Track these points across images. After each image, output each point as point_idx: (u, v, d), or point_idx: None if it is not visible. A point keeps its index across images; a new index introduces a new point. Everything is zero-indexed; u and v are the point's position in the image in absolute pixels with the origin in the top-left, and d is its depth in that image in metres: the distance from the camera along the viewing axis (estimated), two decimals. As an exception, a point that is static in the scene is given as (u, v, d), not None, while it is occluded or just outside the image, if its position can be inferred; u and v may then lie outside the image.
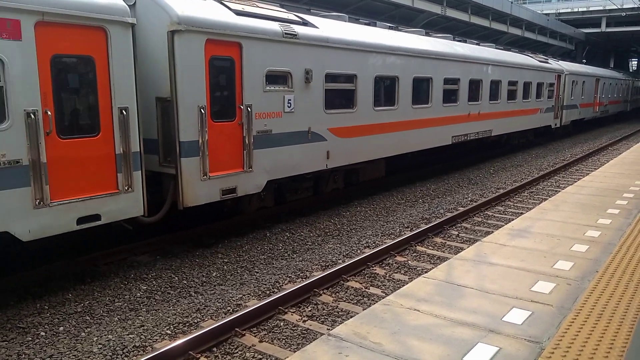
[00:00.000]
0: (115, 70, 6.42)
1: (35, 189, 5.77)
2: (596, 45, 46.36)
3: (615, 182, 9.22)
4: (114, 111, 6.48)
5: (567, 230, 6.09)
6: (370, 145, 11.24)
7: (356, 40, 10.51)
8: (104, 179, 6.46)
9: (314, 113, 9.60)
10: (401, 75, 11.91)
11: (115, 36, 6.35)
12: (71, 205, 6.13)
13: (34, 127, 5.69)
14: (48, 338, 5.45)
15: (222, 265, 7.62)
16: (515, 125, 19.12)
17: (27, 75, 5.62)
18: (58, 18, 5.80)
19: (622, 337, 3.36)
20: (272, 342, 5.34)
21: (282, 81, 8.87)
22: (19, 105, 5.58)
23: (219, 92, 7.95)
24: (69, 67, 6.18)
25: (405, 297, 4.16)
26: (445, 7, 24.50)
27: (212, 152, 7.72)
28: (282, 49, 8.69)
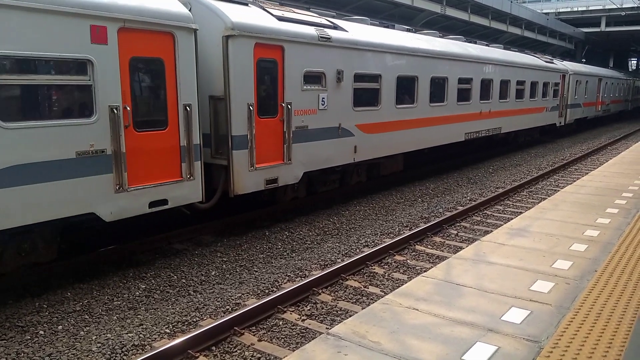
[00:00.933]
0: (181, 70, 7.16)
1: (116, 176, 6.52)
2: (596, 44, 46.38)
3: (615, 181, 9.22)
4: (179, 107, 7.23)
5: (566, 229, 6.09)
6: (392, 141, 11.97)
7: (381, 42, 11.27)
8: (170, 168, 7.22)
9: (343, 110, 10.35)
10: (420, 75, 12.61)
11: (181, 40, 7.10)
12: (145, 191, 6.89)
13: (116, 121, 6.43)
14: (47, 337, 5.44)
15: (221, 264, 7.62)
16: (523, 123, 19.81)
17: (111, 75, 6.36)
18: (136, 25, 6.55)
19: (620, 336, 3.37)
20: (271, 341, 5.34)
21: (317, 81, 9.62)
22: (104, 101, 6.32)
23: (264, 91, 8.68)
24: (143, 67, 6.92)
25: (404, 296, 4.16)
26: (445, 6, 24.50)
27: (258, 145, 8.49)
28: (317, 52, 9.49)
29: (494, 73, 16.57)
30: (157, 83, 7.07)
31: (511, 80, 17.93)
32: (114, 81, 6.37)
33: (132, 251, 7.68)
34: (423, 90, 12.82)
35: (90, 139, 6.21)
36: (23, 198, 5.69)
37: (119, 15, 6.33)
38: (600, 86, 29.78)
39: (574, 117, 25.63)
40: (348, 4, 20.19)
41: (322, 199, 10.94)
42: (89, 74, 6.14)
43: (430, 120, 13.32)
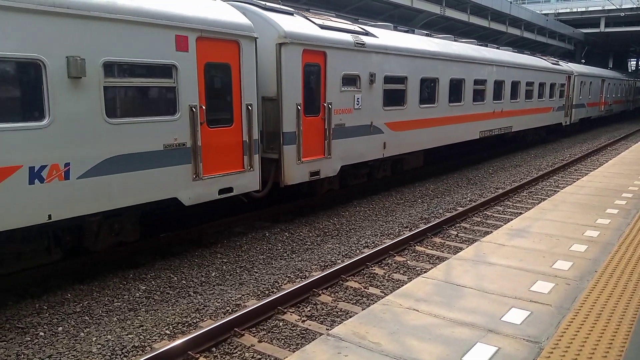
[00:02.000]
0: (244, 74, 8.11)
1: (194, 166, 7.46)
2: (595, 45, 46.41)
3: (614, 182, 9.23)
4: (242, 107, 8.18)
5: (566, 230, 6.09)
6: (416, 138, 12.95)
7: (406, 47, 12.26)
8: (234, 160, 8.16)
9: (375, 109, 11.28)
10: (440, 76, 13.60)
11: (244, 47, 8.05)
12: (215, 179, 7.84)
13: (194, 118, 7.35)
14: (47, 338, 5.44)
15: (221, 265, 7.62)
16: (532, 122, 20.78)
17: (191, 78, 7.30)
18: (210, 34, 7.49)
19: (620, 336, 3.37)
20: (271, 342, 5.34)
21: (352, 83, 10.56)
22: (185, 101, 7.26)
23: (309, 92, 9.54)
24: (214, 71, 7.80)
25: (404, 297, 4.16)
26: (444, 7, 24.52)
27: (304, 141, 9.42)
28: (354, 56, 10.42)
29: (505, 75, 17.46)
30: (225, 85, 8.00)
31: (521, 82, 18.81)
32: (192, 83, 7.34)
33: (132, 252, 7.67)
34: (443, 91, 13.79)
35: (174, 133, 7.17)
36: (122, 184, 6.59)
37: (197, 26, 7.28)
38: (603, 87, 30.65)
39: (578, 117, 26.50)
40: (348, 4, 20.20)
41: (354, 191, 11.94)
42: (173, 77, 7.09)
43: (449, 119, 14.31)
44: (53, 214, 5.96)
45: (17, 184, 5.61)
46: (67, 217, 6.12)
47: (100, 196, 6.39)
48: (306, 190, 10.58)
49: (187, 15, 7.17)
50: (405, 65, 12.09)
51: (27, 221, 5.79)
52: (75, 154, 6.09)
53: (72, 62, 5.89)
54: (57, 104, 5.86)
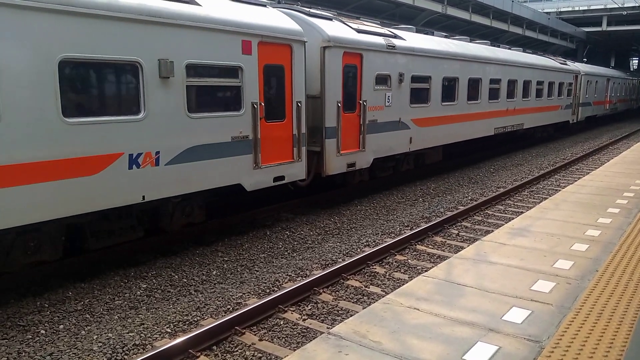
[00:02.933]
0: (295, 74, 9.01)
1: (254, 156, 8.39)
2: (597, 44, 46.30)
3: (616, 181, 9.21)
4: (293, 104, 9.07)
5: (567, 229, 6.09)
6: (438, 134, 13.88)
7: (430, 48, 13.14)
8: (286, 151, 9.08)
9: (403, 107, 12.19)
10: (460, 76, 14.52)
11: (296, 50, 8.96)
12: (271, 168, 8.75)
13: (255, 113, 8.27)
14: (48, 336, 5.45)
15: (222, 263, 7.62)
16: (541, 119, 21.72)
17: (253, 78, 8.21)
18: (268, 39, 8.39)
19: (621, 336, 3.37)
20: (272, 340, 5.34)
21: (384, 82, 11.43)
22: (248, 98, 8.17)
23: (347, 91, 10.41)
24: (271, 72, 8.64)
25: (405, 296, 4.16)
26: (446, 5, 24.47)
27: (343, 135, 10.31)
28: (385, 58, 11.34)
29: (518, 74, 18.38)
30: (279, 84, 8.87)
31: (532, 81, 19.69)
32: (254, 83, 8.25)
33: (133, 251, 7.68)
34: (462, 90, 14.71)
35: (239, 127, 8.08)
36: (199, 170, 7.54)
37: (259, 32, 8.20)
38: (608, 86, 31.63)
39: (585, 115, 27.43)
40: (349, 3, 20.17)
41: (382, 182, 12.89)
42: (239, 77, 8.00)
43: (467, 116, 15.26)
44: (146, 195, 6.94)
45: (119, 169, 6.57)
46: (156, 198, 7.10)
47: (182, 181, 7.36)
48: (340, 182, 11.52)
49: (251, 22, 8.13)
50: (429, 66, 12.98)
51: (127, 200, 6.76)
52: (164, 144, 7.06)
53: (163, 64, 6.84)
54: (150, 100, 6.81)
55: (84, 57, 6.06)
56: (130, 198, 6.74)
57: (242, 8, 8.27)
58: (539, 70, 20.35)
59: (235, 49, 7.85)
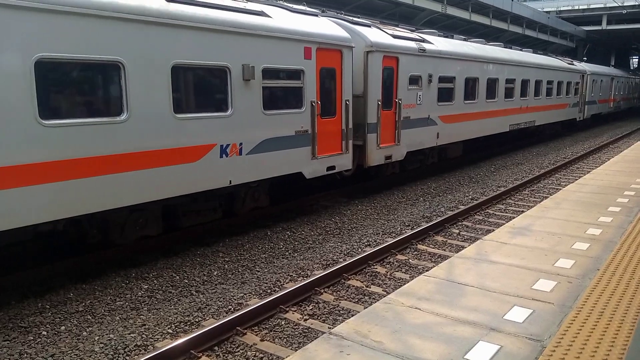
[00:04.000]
0: (344, 76, 10.16)
1: (312, 148, 9.53)
2: (597, 43, 46.27)
3: (617, 180, 9.21)
4: (342, 102, 10.20)
5: (568, 228, 6.08)
6: (461, 130, 15.05)
7: (455, 51, 14.38)
8: (336, 144, 10.23)
9: (431, 104, 13.33)
10: (480, 76, 15.78)
11: (345, 55, 10.12)
12: (325, 159, 9.91)
13: (313, 111, 9.40)
14: (50, 337, 5.45)
15: (223, 264, 7.63)
16: (551, 117, 22.91)
17: (312, 80, 9.34)
18: (324, 45, 9.56)
19: (623, 335, 3.36)
20: (273, 340, 5.34)
21: (416, 82, 12.58)
22: (308, 98, 9.32)
23: (385, 91, 11.57)
24: (325, 74, 9.77)
25: (406, 296, 4.16)
26: (445, 5, 24.47)
27: (382, 131, 11.49)
28: (417, 60, 12.51)
29: (530, 74, 19.58)
30: (332, 85, 9.96)
31: (543, 80, 20.93)
32: (313, 84, 9.38)
33: (135, 251, 7.68)
34: (482, 89, 15.95)
35: (301, 122, 9.23)
36: (270, 160, 8.71)
37: (317, 39, 9.36)
38: (612, 85, 33.08)
39: (590, 113, 28.71)
40: (349, 3, 20.17)
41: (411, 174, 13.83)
42: (301, 79, 9.13)
43: (486, 113, 16.51)
44: (232, 180, 8.09)
45: (213, 157, 7.73)
46: (239, 182, 8.28)
47: (258, 168, 8.52)
48: (374, 173, 12.56)
49: (311, 31, 9.33)
50: (454, 67, 14.18)
51: (218, 184, 7.90)
52: (245, 136, 8.20)
53: (246, 68, 7.97)
54: (236, 99, 7.95)
55: (190, 64, 7.28)
56: (220, 182, 7.94)
57: (301, 18, 9.54)
58: (549, 70, 21.57)
59: (298, 55, 9.04)
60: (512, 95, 18.25)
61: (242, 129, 8.12)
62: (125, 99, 6.49)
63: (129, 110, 6.52)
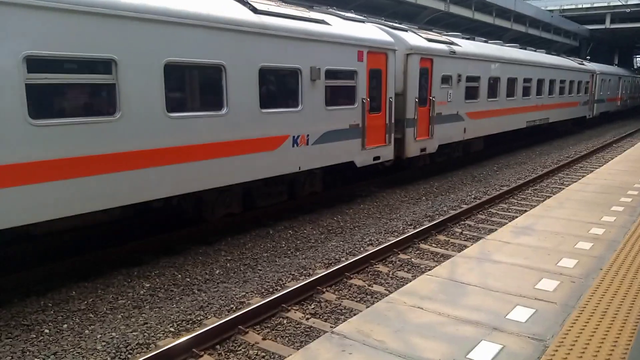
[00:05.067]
0: (388, 76, 11.38)
1: (362, 140, 10.72)
2: (600, 41, 46.08)
3: (620, 179, 9.18)
4: (386, 99, 11.44)
5: (571, 227, 6.07)
6: (484, 125, 16.36)
7: (479, 52, 15.69)
8: (381, 137, 11.42)
9: (459, 102, 14.58)
10: (501, 76, 16.95)
11: (389, 57, 11.35)
12: (372, 150, 11.10)
13: (363, 107, 10.60)
14: (52, 335, 5.46)
15: (225, 262, 7.63)
16: (563, 114, 24.18)
17: (362, 80, 10.57)
18: (373, 49, 10.77)
19: (626, 335, 3.35)
20: (275, 339, 5.34)
21: (447, 81, 13.78)
22: (359, 95, 10.50)
23: (421, 89, 12.75)
24: (373, 75, 10.94)
25: (409, 295, 4.15)
26: (448, 3, 24.38)
27: (418, 125, 12.74)
28: (448, 61, 13.72)
29: (545, 74, 20.85)
30: (378, 84, 11.15)
31: (556, 80, 22.20)
32: (363, 83, 10.59)
33: (137, 250, 7.69)
34: (502, 88, 17.19)
35: (353, 117, 10.45)
36: (330, 149, 9.94)
37: (368, 43, 10.60)
38: (619, 84, 34.64)
39: (599, 111, 30.10)
40: (351, 1, 20.12)
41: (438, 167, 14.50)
42: (355, 79, 10.35)
43: (506, 110, 17.75)
44: (301, 166, 9.35)
45: (287, 147, 8.95)
46: (307, 169, 9.54)
47: (320, 157, 9.76)
48: (407, 164, 13.60)
49: (363, 37, 10.57)
50: (479, 67, 15.43)
51: (291, 169, 9.16)
52: (312, 129, 9.44)
53: (314, 70, 9.18)
54: (305, 96, 9.15)
55: (272, 66, 8.48)
56: (292, 168, 9.17)
57: (353, 25, 10.77)
58: (562, 70, 22.88)
59: (353, 58, 10.26)
60: (529, 93, 19.37)
61: (309, 122, 9.38)
62: (225, 96, 7.71)
63: (228, 105, 7.77)
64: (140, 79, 6.55)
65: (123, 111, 6.42)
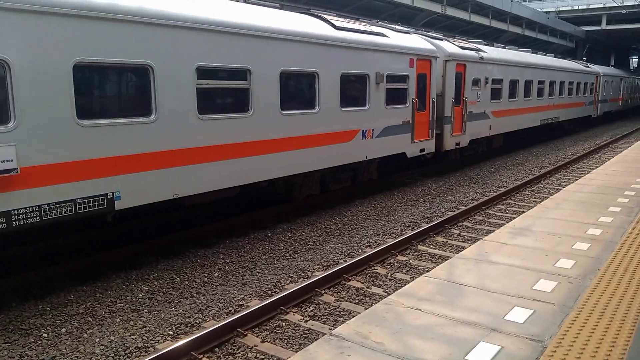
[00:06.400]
0: (432, 80, 13.14)
1: (412, 134, 12.50)
2: (596, 43, 46.26)
3: (617, 179, 9.21)
4: (430, 100, 13.20)
5: (569, 228, 6.08)
6: (506, 123, 18.28)
7: (502, 57, 17.59)
8: (425, 132, 13.19)
9: (486, 102, 16.44)
10: (520, 78, 18.92)
11: (433, 63, 13.16)
12: (418, 143, 12.89)
13: (413, 106, 12.40)
14: (50, 339, 5.45)
15: (223, 265, 7.62)
16: (572, 114, 26.16)
17: (413, 83, 12.34)
18: (420, 57, 12.50)
19: (624, 335, 3.36)
20: (274, 342, 5.34)
21: (476, 84, 15.62)
22: (410, 96, 12.34)
23: (456, 91, 14.57)
24: (420, 79, 12.69)
25: (407, 297, 4.16)
26: (445, 5, 24.46)
27: (454, 122, 14.51)
28: (477, 66, 15.58)
29: (556, 76, 22.84)
30: (423, 86, 12.90)
31: (565, 82, 24.23)
32: (413, 86, 12.34)
33: (135, 253, 7.68)
34: (521, 89, 19.12)
35: (405, 115, 12.20)
36: (387, 142, 11.67)
37: (417, 52, 12.42)
38: (621, 85, 36.79)
39: (603, 110, 32.23)
40: (348, 4, 20.18)
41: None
42: (407, 82, 12.18)
43: (523, 109, 19.66)
44: (367, 155, 11.18)
45: (358, 139, 10.77)
46: (371, 158, 11.41)
47: (382, 148, 11.58)
48: (441, 157, 15.10)
49: (413, 46, 12.45)
50: (502, 71, 17.30)
51: (360, 158, 11.00)
52: (376, 124, 11.24)
53: (378, 75, 11.01)
54: (371, 97, 10.97)
55: (350, 73, 10.30)
56: (361, 157, 10.99)
57: (404, 36, 12.67)
58: (570, 72, 25.01)
59: (406, 64, 12.04)
60: (542, 94, 21.39)
61: (374, 118, 11.14)
62: (317, 97, 9.56)
63: (319, 105, 9.60)
64: (264, 84, 8.35)
65: (254, 109, 8.23)
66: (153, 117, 6.76)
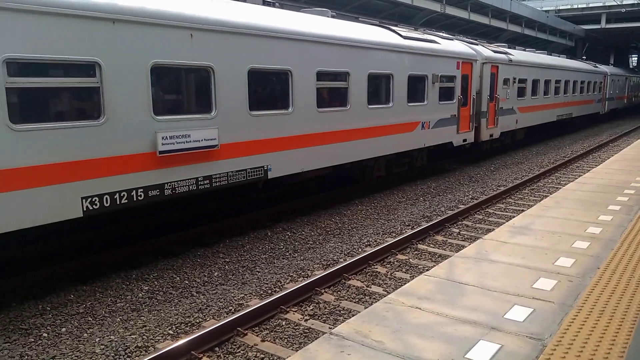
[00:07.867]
0: (473, 79, 15.10)
1: (457, 126, 14.38)
2: (596, 41, 46.23)
3: (616, 178, 9.21)
4: (471, 97, 15.14)
5: (568, 227, 6.08)
6: (529, 118, 20.33)
7: (526, 59, 19.62)
8: (467, 125, 15.09)
9: (513, 99, 18.50)
10: (540, 78, 20.97)
11: (474, 66, 15.06)
12: (462, 134, 14.78)
13: (458, 102, 14.29)
14: (50, 339, 5.46)
15: (223, 264, 7.63)
16: (583, 110, 28.24)
17: (458, 82, 14.23)
18: (464, 60, 14.54)
19: (624, 333, 3.37)
20: (274, 341, 5.34)
21: (506, 83, 17.58)
22: (456, 94, 14.22)
23: (490, 89, 16.47)
24: (463, 79, 14.59)
25: (407, 296, 4.16)
26: (444, 4, 24.44)
27: (489, 116, 16.54)
28: (507, 67, 17.55)
29: (569, 76, 24.94)
30: (466, 85, 14.74)
31: (577, 81, 26.34)
32: (458, 85, 14.28)
33: (135, 253, 7.68)
34: (541, 88, 21.12)
35: (452, 110, 14.14)
36: (439, 132, 13.70)
37: (461, 56, 14.28)
38: (627, 84, 39.35)
39: (610, 108, 34.63)
40: (348, 3, 20.16)
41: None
42: (454, 82, 14.01)
43: (543, 106, 21.78)
44: (425, 143, 13.21)
45: (419, 129, 12.82)
46: (428, 145, 13.37)
47: (435, 137, 13.57)
48: (471, 147, 16.52)
49: (458, 50, 14.34)
50: (526, 72, 19.26)
51: (420, 145, 13.06)
52: (431, 117, 13.24)
53: (434, 76, 12.93)
54: (429, 94, 12.94)
55: (414, 74, 12.33)
56: (420, 144, 13.04)
57: (451, 42, 14.43)
58: (582, 72, 27.13)
59: (453, 66, 13.94)
60: (558, 92, 23.55)
61: (430, 112, 13.13)
62: (392, 94, 11.63)
63: (393, 100, 11.67)
64: (356, 84, 10.50)
65: (351, 104, 10.42)
66: (290, 109, 9.02)
